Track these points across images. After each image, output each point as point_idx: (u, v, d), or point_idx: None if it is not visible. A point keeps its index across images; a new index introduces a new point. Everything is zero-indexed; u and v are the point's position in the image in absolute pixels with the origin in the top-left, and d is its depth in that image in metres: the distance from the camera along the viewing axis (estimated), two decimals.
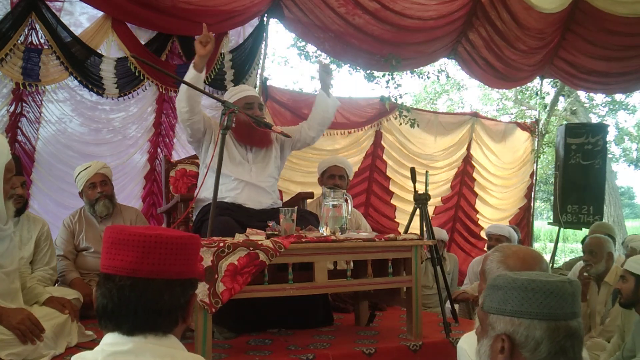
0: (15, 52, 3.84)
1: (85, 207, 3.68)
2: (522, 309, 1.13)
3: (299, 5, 4.96)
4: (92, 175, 3.58)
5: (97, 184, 3.59)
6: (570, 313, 1.13)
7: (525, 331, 1.13)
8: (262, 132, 3.29)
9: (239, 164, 3.28)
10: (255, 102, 3.36)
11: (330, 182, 3.94)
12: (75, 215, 3.69)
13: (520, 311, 1.13)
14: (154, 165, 4.72)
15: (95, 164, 3.66)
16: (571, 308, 1.13)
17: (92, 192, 3.58)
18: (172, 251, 1.20)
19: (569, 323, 1.12)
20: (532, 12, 5.63)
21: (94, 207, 3.60)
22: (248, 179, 3.26)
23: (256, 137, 3.32)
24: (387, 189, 6.22)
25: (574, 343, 1.13)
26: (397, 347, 2.76)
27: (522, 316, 1.13)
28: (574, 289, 1.15)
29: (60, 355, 2.50)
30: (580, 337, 1.15)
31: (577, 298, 1.15)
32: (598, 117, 12.74)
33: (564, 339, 1.11)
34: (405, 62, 5.71)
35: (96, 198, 3.58)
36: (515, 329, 1.14)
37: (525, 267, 1.61)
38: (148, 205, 4.72)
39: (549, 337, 1.11)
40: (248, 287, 2.47)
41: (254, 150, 3.37)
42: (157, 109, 4.68)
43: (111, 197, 3.68)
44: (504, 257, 1.65)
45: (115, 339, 1.19)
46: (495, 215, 7.07)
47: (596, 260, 3.70)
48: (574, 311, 1.14)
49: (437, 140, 6.50)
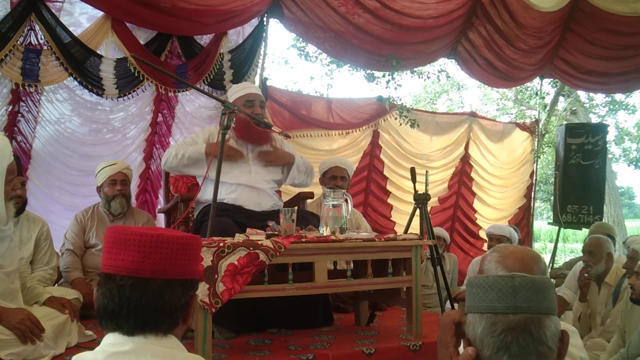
0: (14, 52, 3.84)
1: (101, 204, 3.71)
2: (469, 304, 1.17)
3: (299, 4, 4.96)
4: (115, 172, 3.64)
5: (118, 182, 3.64)
6: (511, 307, 1.12)
7: (471, 328, 1.16)
8: (261, 130, 3.28)
9: (239, 164, 3.27)
10: (256, 99, 3.34)
11: (331, 183, 3.94)
12: (88, 210, 3.72)
13: (468, 306, 1.18)
14: (149, 163, 4.75)
15: (120, 163, 3.74)
16: (512, 302, 1.12)
17: (111, 188, 3.63)
18: (173, 251, 1.20)
19: (508, 317, 1.12)
20: (530, 11, 5.63)
21: (110, 204, 3.64)
22: (247, 181, 3.24)
23: (255, 134, 3.29)
24: (384, 188, 6.24)
25: (518, 337, 1.11)
26: (397, 347, 2.76)
27: (469, 310, 1.17)
28: (516, 283, 1.14)
29: (60, 355, 2.49)
30: (530, 332, 1.11)
31: (519, 292, 1.13)
32: (598, 117, 12.75)
33: (502, 333, 1.11)
34: (406, 62, 5.72)
35: (114, 195, 3.63)
36: (467, 326, 1.17)
37: (524, 267, 1.60)
38: (141, 202, 4.79)
39: (488, 333, 1.12)
40: (248, 287, 2.47)
41: (255, 149, 3.36)
42: (155, 109, 4.70)
43: (128, 198, 3.74)
44: (502, 257, 1.65)
45: (115, 339, 1.19)
46: (494, 215, 7.07)
47: (596, 261, 3.69)
48: (517, 305, 1.12)
49: (433, 140, 6.51)
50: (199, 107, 4.83)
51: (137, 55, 3.87)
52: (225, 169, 2.98)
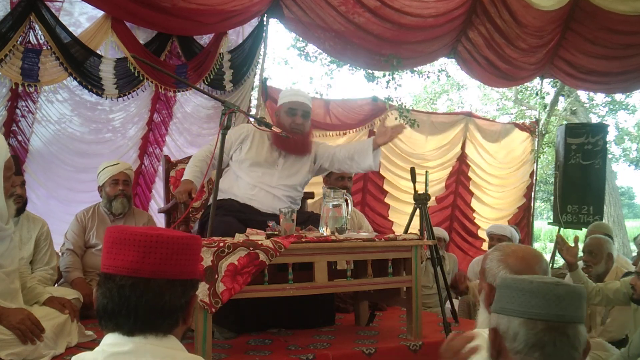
0: (14, 52, 3.84)
1: (102, 203, 3.71)
2: (507, 307, 1.17)
3: (299, 4, 4.96)
4: (117, 172, 3.64)
5: (120, 182, 3.65)
6: (554, 315, 1.12)
7: (507, 322, 1.17)
8: (300, 140, 3.27)
9: (264, 167, 3.26)
10: (299, 108, 3.30)
11: (339, 184, 3.92)
12: (89, 210, 3.72)
13: (505, 308, 1.17)
14: (143, 159, 4.79)
15: (122, 163, 3.75)
16: (555, 310, 1.12)
17: (113, 188, 3.63)
18: (173, 251, 1.19)
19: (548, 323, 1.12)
20: (531, 10, 5.63)
21: (112, 203, 3.64)
22: (267, 185, 3.22)
23: (291, 143, 3.26)
24: (381, 188, 6.26)
25: (556, 339, 1.11)
26: (397, 347, 2.76)
27: (505, 313, 1.17)
28: (560, 291, 1.13)
29: (60, 355, 2.49)
30: (569, 338, 1.12)
31: (563, 300, 1.13)
32: (598, 117, 12.74)
33: (542, 331, 1.12)
34: (406, 61, 5.72)
35: (116, 195, 3.63)
36: (499, 321, 1.18)
37: (525, 266, 1.60)
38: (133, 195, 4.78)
39: (526, 328, 1.13)
40: (248, 287, 2.47)
41: (287, 157, 3.33)
42: (151, 107, 4.71)
43: (129, 198, 3.75)
44: (504, 256, 1.65)
45: (115, 339, 1.19)
46: (492, 215, 7.07)
47: (596, 261, 3.69)
48: (559, 314, 1.12)
49: (428, 139, 6.52)
50: (197, 106, 4.84)
51: (137, 55, 3.87)
52: (252, 167, 3.18)
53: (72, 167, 4.35)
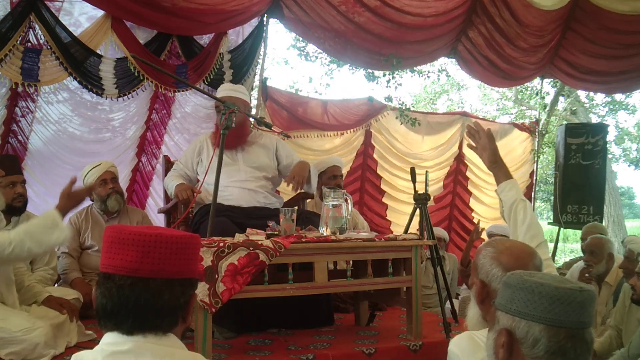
0: (14, 52, 3.84)
1: (95, 205, 3.71)
2: (526, 311, 1.13)
3: (299, 4, 4.96)
4: (103, 172, 3.63)
5: (108, 180, 3.65)
6: (576, 322, 1.10)
7: (525, 327, 1.13)
8: (236, 132, 3.25)
9: (228, 165, 3.31)
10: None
11: (332, 183, 3.95)
12: (82, 213, 3.71)
13: (524, 312, 1.13)
14: (140, 157, 4.83)
15: (105, 163, 3.73)
16: (577, 317, 1.10)
17: (103, 188, 3.63)
18: (172, 250, 1.19)
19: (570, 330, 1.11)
20: (531, 9, 5.61)
21: (106, 203, 3.64)
22: (237, 181, 3.33)
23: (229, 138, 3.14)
24: (379, 188, 6.26)
25: (576, 345, 1.10)
26: (397, 347, 2.76)
27: (524, 317, 1.13)
28: (584, 297, 1.11)
29: (60, 354, 2.50)
30: (586, 342, 1.11)
31: (586, 307, 1.11)
32: (598, 117, 12.73)
33: (564, 339, 1.10)
34: (406, 61, 5.72)
35: (108, 193, 3.63)
36: (517, 325, 1.14)
37: (519, 263, 1.59)
38: (130, 192, 4.85)
39: (548, 335, 1.10)
40: (248, 287, 2.46)
41: (242, 150, 3.44)
42: (150, 106, 4.72)
43: (122, 194, 3.75)
44: (497, 253, 1.63)
45: (114, 338, 1.18)
46: (491, 214, 7.05)
47: (597, 261, 3.69)
48: (581, 320, 1.11)
49: (424, 139, 6.51)
50: (197, 106, 4.84)
51: (137, 55, 3.87)
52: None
53: (71, 166, 4.34)
